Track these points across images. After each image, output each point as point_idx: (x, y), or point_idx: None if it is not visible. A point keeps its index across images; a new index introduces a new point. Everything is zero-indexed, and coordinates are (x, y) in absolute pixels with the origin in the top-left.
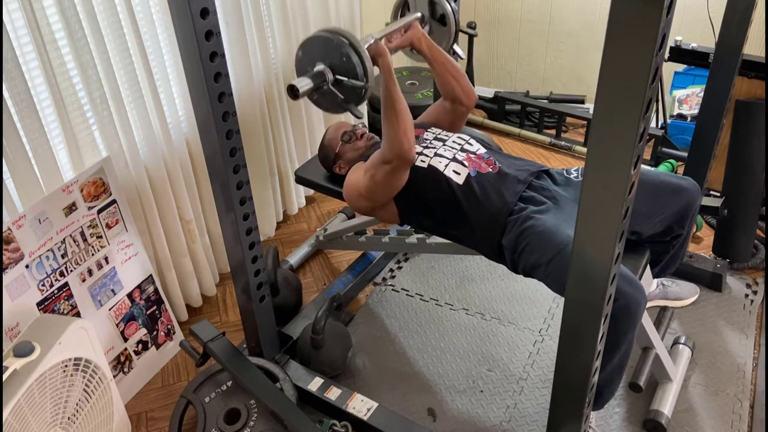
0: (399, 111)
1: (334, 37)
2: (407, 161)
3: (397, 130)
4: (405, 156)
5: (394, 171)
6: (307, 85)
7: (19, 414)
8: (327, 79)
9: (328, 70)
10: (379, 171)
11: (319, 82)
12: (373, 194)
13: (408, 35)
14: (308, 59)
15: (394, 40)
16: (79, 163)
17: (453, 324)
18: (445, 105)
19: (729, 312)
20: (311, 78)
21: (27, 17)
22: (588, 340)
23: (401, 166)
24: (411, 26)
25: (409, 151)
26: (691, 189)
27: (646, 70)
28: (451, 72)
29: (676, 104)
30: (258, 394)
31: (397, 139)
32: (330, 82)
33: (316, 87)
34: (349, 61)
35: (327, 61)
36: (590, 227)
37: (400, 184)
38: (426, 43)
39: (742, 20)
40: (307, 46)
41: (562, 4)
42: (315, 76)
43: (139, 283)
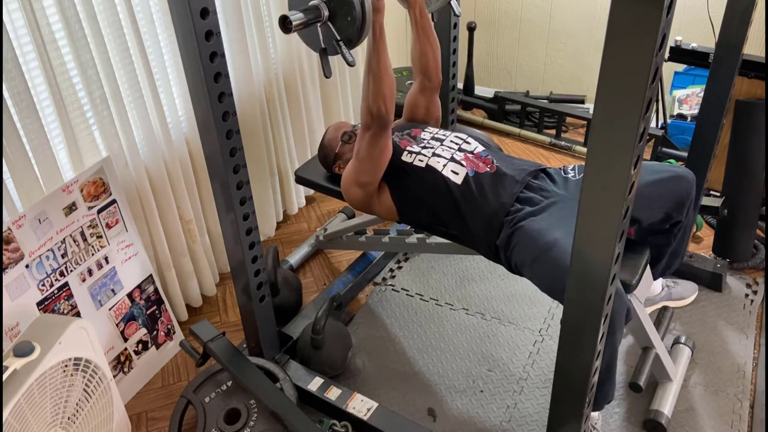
0: (381, 73)
1: None
2: (384, 124)
3: (377, 92)
4: (382, 118)
5: (374, 138)
6: (301, 18)
7: (19, 414)
8: (322, 14)
9: (323, 5)
10: (362, 144)
11: (313, 17)
12: (360, 174)
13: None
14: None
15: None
16: (79, 163)
17: (453, 324)
18: (415, 87)
19: (729, 312)
20: (305, 12)
21: (27, 17)
22: (588, 340)
23: (379, 131)
24: None
25: (387, 114)
26: (688, 176)
27: (646, 70)
28: (432, 43)
29: (676, 104)
30: (258, 394)
31: (375, 101)
32: (325, 18)
33: (310, 21)
34: (349, 9)
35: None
36: (590, 227)
37: (384, 157)
38: (420, 5)
39: (742, 20)
40: None
41: (562, 4)
42: (310, 10)
43: (139, 283)
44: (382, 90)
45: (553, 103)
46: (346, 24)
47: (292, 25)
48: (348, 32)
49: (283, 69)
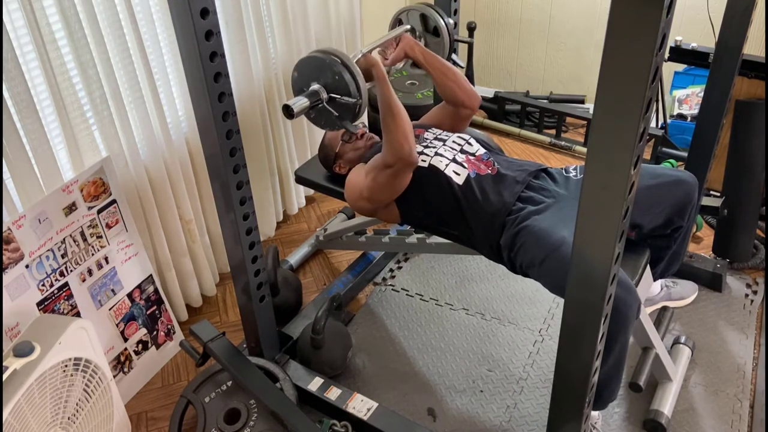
0: (397, 115)
1: (325, 57)
2: (410, 164)
3: (397, 134)
4: (407, 159)
5: (397, 174)
6: (302, 104)
7: (19, 414)
8: (321, 97)
9: (322, 89)
10: (381, 174)
11: (314, 100)
12: (375, 196)
13: (400, 46)
14: (303, 80)
15: (389, 56)
16: (79, 163)
17: (453, 324)
18: (447, 108)
19: (729, 312)
20: (306, 97)
21: (27, 17)
22: (588, 340)
23: (404, 169)
24: (401, 38)
25: (410, 153)
26: (690, 181)
27: (646, 70)
28: (450, 77)
29: (676, 104)
30: (258, 394)
31: (397, 142)
32: (324, 101)
33: (311, 105)
34: (341, 79)
35: (321, 81)
36: (590, 227)
37: (403, 186)
38: (419, 51)
39: (742, 20)
40: (301, 67)
41: (562, 4)
42: (310, 95)
43: (139, 283)
44: (403, 129)
45: (553, 103)
46: (346, 103)
47: (295, 111)
48: (349, 106)
49: (283, 69)
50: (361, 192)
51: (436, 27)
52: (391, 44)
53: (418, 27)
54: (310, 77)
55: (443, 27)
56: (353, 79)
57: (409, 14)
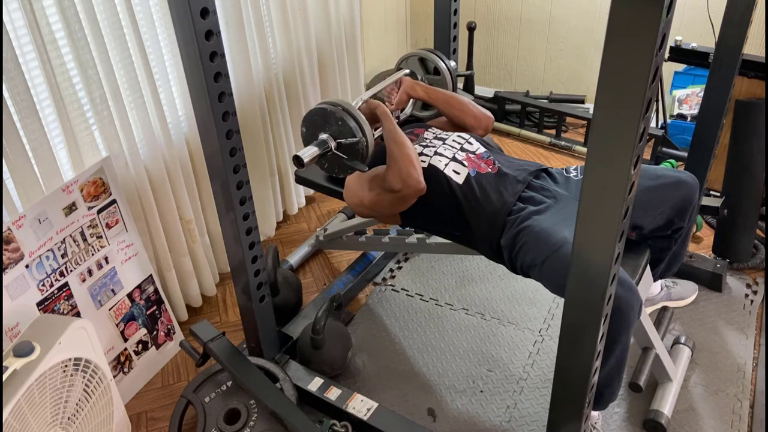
0: (401, 145)
1: (329, 107)
2: (418, 191)
3: (403, 162)
4: (415, 186)
5: (404, 198)
6: (312, 153)
7: (19, 414)
8: (330, 145)
9: (330, 138)
10: (386, 196)
11: (323, 149)
12: (378, 210)
13: (402, 89)
14: (311, 132)
15: (393, 101)
16: (79, 163)
17: (453, 324)
18: None
19: (729, 312)
20: (315, 146)
21: (27, 17)
22: (588, 340)
23: (411, 195)
24: (402, 81)
25: (418, 181)
26: (690, 182)
27: (646, 70)
28: (455, 106)
29: (676, 104)
30: (258, 394)
31: (404, 169)
32: (333, 148)
33: (321, 154)
34: (344, 124)
35: (328, 130)
36: (590, 227)
37: (408, 206)
38: (421, 89)
39: (742, 20)
40: (307, 121)
41: (562, 4)
42: (318, 144)
43: (139, 283)
44: (410, 158)
45: (553, 103)
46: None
47: (305, 161)
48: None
49: (283, 69)
50: (362, 200)
51: (437, 68)
52: (394, 89)
53: (418, 71)
54: (317, 129)
55: (443, 67)
56: (357, 123)
57: (408, 61)
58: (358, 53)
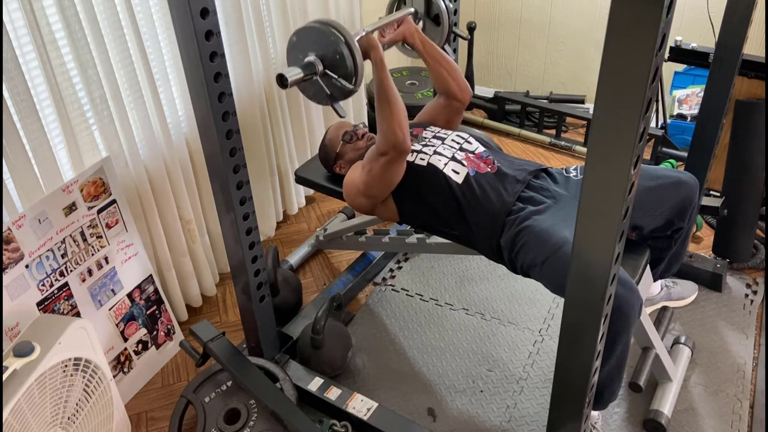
0: (391, 102)
1: (329, 31)
2: (402, 152)
3: (391, 122)
4: (400, 146)
5: (390, 163)
6: (297, 74)
7: (19, 414)
8: (317, 70)
9: (318, 61)
10: (375, 164)
11: (308, 73)
12: (370, 189)
13: (400, 30)
14: (301, 47)
15: (387, 35)
16: (79, 163)
17: (453, 324)
18: (440, 101)
19: (729, 312)
20: (301, 68)
21: (27, 17)
22: (588, 340)
23: (397, 157)
24: (403, 21)
25: (403, 141)
26: (690, 182)
27: (646, 70)
28: (445, 67)
29: (676, 104)
30: (258, 394)
31: (391, 130)
32: (319, 74)
33: (305, 78)
34: (341, 59)
35: (319, 53)
36: (590, 227)
37: (397, 177)
38: (419, 38)
39: (742, 20)
40: (302, 34)
41: (562, 4)
42: (305, 66)
43: (139, 283)
44: (397, 117)
45: (553, 103)
46: (341, 74)
47: (288, 81)
48: (338, 93)
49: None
50: (358, 187)
51: (438, 15)
52: (392, 25)
53: (420, 9)
54: (308, 46)
55: (444, 13)
56: (353, 61)
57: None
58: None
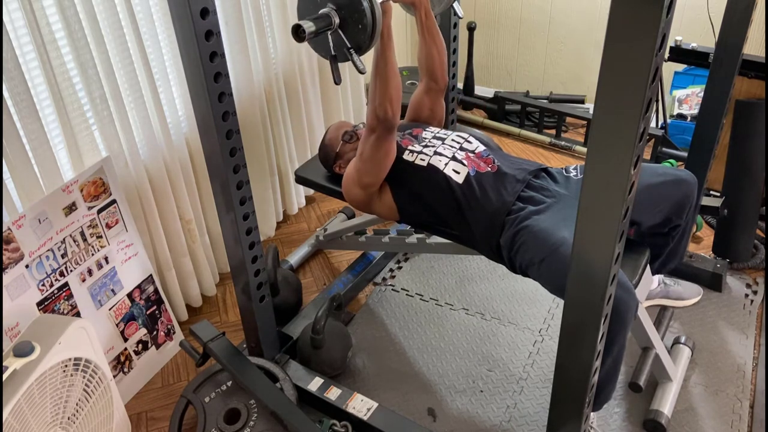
0: (389, 75)
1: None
2: (390, 127)
3: (383, 95)
4: (389, 121)
5: (379, 141)
6: (312, 27)
7: (19, 414)
8: (333, 22)
9: (335, 14)
10: (366, 146)
11: (323, 25)
12: (363, 175)
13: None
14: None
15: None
16: (79, 163)
17: (453, 324)
18: (420, 88)
19: (729, 312)
20: (316, 20)
21: (27, 17)
22: (588, 340)
23: (384, 134)
24: None
25: (392, 117)
26: (689, 180)
27: (646, 70)
28: (437, 44)
29: (676, 104)
30: (258, 394)
31: (381, 104)
32: (335, 26)
33: (320, 30)
34: (361, 17)
35: (335, 5)
36: (590, 227)
37: (388, 160)
38: (425, 7)
39: (742, 20)
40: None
41: (562, 4)
42: (320, 18)
43: (139, 283)
44: (389, 92)
45: (553, 103)
46: (357, 31)
47: (306, 33)
48: (359, 39)
49: (283, 69)
50: (353, 177)
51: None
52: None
53: None
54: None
55: None
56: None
57: None
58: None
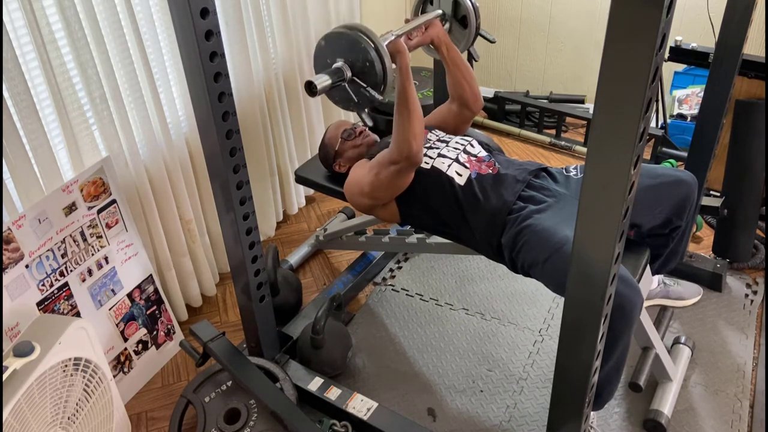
0: (412, 111)
1: (359, 37)
2: (414, 163)
3: (408, 131)
4: (413, 158)
5: (400, 172)
6: (326, 81)
7: (19, 414)
8: (345, 76)
9: (347, 67)
10: (384, 170)
11: (336, 79)
12: (375, 193)
13: (429, 33)
14: (329, 52)
15: (414, 38)
16: (79, 163)
17: (453, 324)
18: (452, 108)
19: (729, 312)
20: (329, 75)
21: (27, 17)
22: (588, 339)
23: (408, 167)
24: (432, 24)
25: (417, 153)
26: (689, 181)
27: (646, 70)
28: (465, 75)
29: (676, 104)
30: (258, 394)
31: (406, 140)
32: (347, 80)
33: (334, 84)
34: (370, 66)
35: (348, 58)
36: (590, 227)
37: (404, 184)
38: (445, 42)
39: (742, 20)
40: (330, 39)
41: (562, 4)
42: (333, 72)
43: (139, 283)
44: (413, 129)
45: (553, 103)
46: (369, 80)
47: (318, 89)
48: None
49: (283, 69)
50: (362, 188)
51: (465, 16)
52: (420, 28)
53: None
54: (336, 51)
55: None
56: (382, 67)
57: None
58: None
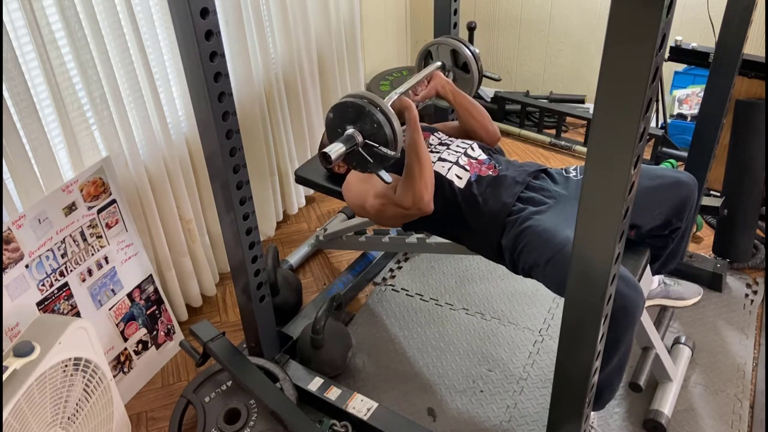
0: (422, 163)
1: (363, 104)
2: (424, 213)
3: (419, 182)
4: (424, 208)
5: (407, 216)
6: (340, 149)
7: (19, 414)
8: (357, 141)
9: (357, 133)
10: (392, 209)
11: (349, 146)
12: (378, 219)
13: (432, 85)
14: (338, 121)
15: (419, 92)
16: (79, 163)
17: (453, 324)
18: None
19: (729, 312)
20: (343, 142)
21: (27, 17)
22: (588, 340)
23: (416, 215)
24: (433, 76)
25: (428, 204)
26: (689, 182)
27: (646, 70)
28: (475, 116)
29: (676, 104)
30: (258, 394)
31: (418, 191)
32: (360, 145)
33: (347, 151)
34: (379, 128)
35: (357, 124)
36: (590, 227)
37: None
38: (450, 90)
39: (742, 20)
40: (337, 110)
41: (562, 4)
42: (346, 140)
43: (139, 282)
44: (425, 179)
45: (553, 102)
46: (380, 140)
47: (332, 159)
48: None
49: (283, 69)
50: (364, 205)
51: (466, 63)
52: (423, 83)
53: (447, 61)
54: (345, 119)
55: (472, 61)
56: (391, 128)
57: (440, 50)
58: (358, 53)
